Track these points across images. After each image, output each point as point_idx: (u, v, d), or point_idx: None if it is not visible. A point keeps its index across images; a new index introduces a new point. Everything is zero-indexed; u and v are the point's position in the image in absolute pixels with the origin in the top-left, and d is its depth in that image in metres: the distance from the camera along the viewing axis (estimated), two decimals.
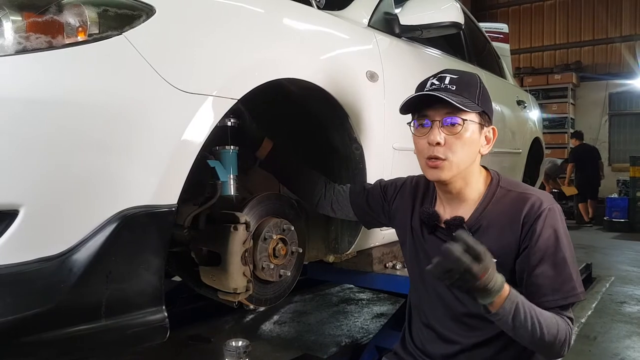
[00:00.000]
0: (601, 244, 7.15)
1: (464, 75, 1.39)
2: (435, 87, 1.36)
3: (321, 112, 1.86)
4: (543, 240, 1.29)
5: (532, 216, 1.31)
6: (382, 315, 3.71)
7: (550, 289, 1.28)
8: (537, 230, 1.30)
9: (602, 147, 11.33)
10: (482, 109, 1.37)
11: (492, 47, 4.27)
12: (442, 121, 1.35)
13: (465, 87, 1.35)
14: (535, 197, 1.34)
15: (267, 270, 1.66)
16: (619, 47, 11.38)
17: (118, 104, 1.14)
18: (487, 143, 1.42)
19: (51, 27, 1.10)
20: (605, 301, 4.09)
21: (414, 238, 1.54)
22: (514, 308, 1.20)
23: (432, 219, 1.46)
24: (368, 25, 2.19)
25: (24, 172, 1.05)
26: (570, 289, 1.29)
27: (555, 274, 1.28)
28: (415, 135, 1.41)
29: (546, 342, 1.23)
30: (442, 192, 1.47)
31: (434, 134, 1.35)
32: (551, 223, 1.30)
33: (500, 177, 1.45)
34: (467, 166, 1.38)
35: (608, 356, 2.93)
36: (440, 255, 1.14)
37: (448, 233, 1.41)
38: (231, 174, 1.61)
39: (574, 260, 1.33)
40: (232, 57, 1.40)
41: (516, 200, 1.36)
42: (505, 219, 1.35)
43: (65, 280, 1.09)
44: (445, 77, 1.37)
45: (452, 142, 1.34)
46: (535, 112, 4.72)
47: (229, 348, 1.33)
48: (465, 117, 1.34)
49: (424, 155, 1.38)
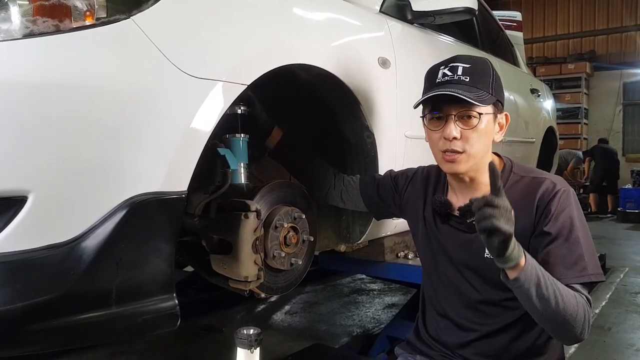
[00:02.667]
0: (615, 234, 7.09)
1: (476, 63, 1.35)
2: (448, 78, 1.32)
3: (332, 99, 1.84)
4: (557, 220, 1.27)
5: (546, 198, 1.29)
6: (393, 306, 3.70)
7: (562, 267, 1.25)
8: (552, 210, 1.28)
9: (616, 138, 11.23)
10: (496, 98, 1.34)
11: (506, 35, 4.21)
12: (457, 115, 1.31)
13: (478, 77, 1.32)
14: (549, 181, 1.32)
15: (278, 259, 1.65)
16: (634, 36, 11.21)
17: (126, 88, 1.12)
18: (500, 130, 1.39)
19: (58, 11, 1.09)
20: (620, 292, 4.05)
21: (426, 228, 1.52)
22: (535, 274, 1.15)
23: (444, 208, 1.44)
24: (380, 11, 2.16)
25: (32, 158, 1.04)
26: (582, 268, 1.25)
27: (567, 252, 1.25)
28: (429, 129, 1.38)
29: (567, 318, 1.18)
30: (454, 181, 1.44)
31: (449, 128, 1.31)
32: (565, 205, 1.28)
33: (514, 163, 1.42)
34: (483, 156, 1.35)
35: (623, 347, 2.90)
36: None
37: (462, 220, 1.40)
38: (242, 162, 1.60)
39: (590, 243, 1.29)
40: (242, 41, 1.37)
41: (530, 185, 1.34)
42: (519, 203, 1.31)
43: (74, 267, 1.09)
44: (457, 67, 1.33)
45: (468, 134, 1.31)
46: (549, 101, 4.67)
47: (240, 336, 1.32)
48: (480, 110, 1.31)
49: (440, 148, 1.35)
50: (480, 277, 1.39)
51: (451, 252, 1.43)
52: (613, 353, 2.81)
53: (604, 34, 11.58)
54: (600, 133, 11.24)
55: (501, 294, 1.36)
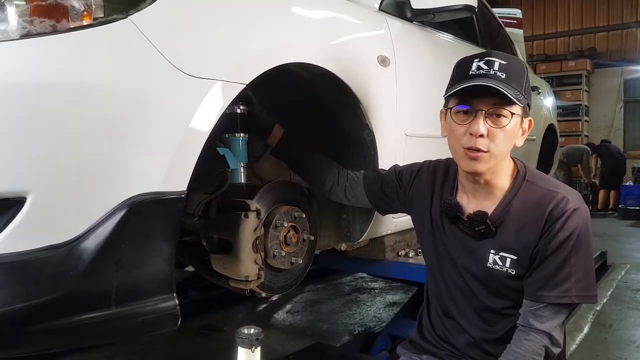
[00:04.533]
0: (616, 231, 7.09)
1: (512, 62, 1.28)
2: (484, 72, 1.25)
3: (331, 98, 1.83)
4: (558, 239, 1.26)
5: (556, 215, 1.27)
6: (394, 304, 3.70)
7: (546, 286, 1.27)
8: (556, 228, 1.26)
9: (617, 135, 11.21)
10: (527, 101, 1.29)
11: (506, 33, 4.20)
12: (487, 111, 1.26)
13: (514, 76, 1.25)
14: (562, 196, 1.29)
15: (278, 258, 1.65)
16: (635, 33, 11.19)
17: (124, 88, 1.12)
18: (522, 134, 1.34)
19: (55, 11, 1.08)
20: (621, 289, 4.04)
21: (432, 227, 1.49)
22: None
23: (454, 211, 1.41)
24: (379, 9, 2.15)
25: (30, 159, 1.04)
26: (566, 289, 1.26)
27: (555, 272, 1.26)
28: (454, 122, 1.31)
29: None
30: (468, 182, 1.39)
31: (478, 124, 1.25)
32: (572, 225, 1.26)
33: (527, 169, 1.38)
34: (503, 159, 1.32)
35: (624, 343, 2.90)
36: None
37: (470, 227, 1.37)
38: (241, 162, 1.60)
39: (588, 263, 1.29)
40: (241, 40, 1.37)
41: (542, 197, 1.31)
42: (529, 215, 1.30)
43: (74, 267, 1.08)
44: (494, 61, 1.25)
45: (495, 133, 1.26)
46: (549, 98, 4.67)
47: (241, 335, 1.31)
48: (512, 110, 1.26)
49: (463, 144, 1.29)
50: (481, 285, 1.38)
51: (455, 256, 1.42)
52: (614, 350, 2.81)
53: (605, 30, 11.56)
54: (601, 130, 11.25)
55: (502, 303, 1.36)
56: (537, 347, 1.25)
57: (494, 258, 1.34)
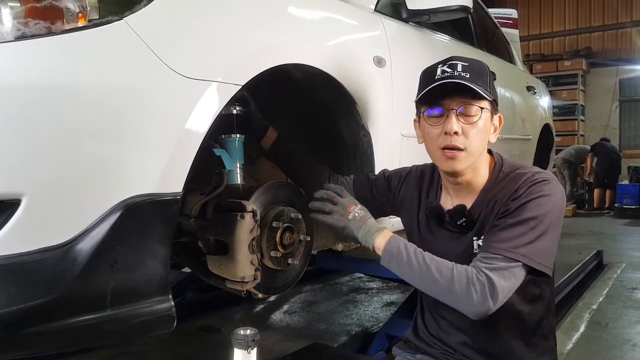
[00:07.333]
0: (612, 230, 7.10)
1: (474, 63, 1.35)
2: (448, 74, 1.31)
3: (328, 98, 1.83)
4: (519, 200, 1.29)
5: (524, 183, 1.31)
6: (392, 304, 3.70)
7: (498, 237, 1.27)
8: (521, 191, 1.29)
9: (613, 134, 11.25)
10: (494, 97, 1.35)
11: (502, 33, 4.21)
12: (458, 110, 1.31)
13: (477, 75, 1.32)
14: (532, 172, 1.34)
15: (274, 259, 1.64)
16: (630, 32, 11.24)
17: (119, 90, 1.12)
18: (494, 131, 1.40)
19: (50, 13, 1.08)
20: (617, 287, 4.06)
21: (420, 231, 1.52)
22: (398, 247, 1.37)
23: (436, 213, 1.44)
24: (375, 9, 2.15)
25: (25, 161, 1.03)
26: (514, 246, 1.24)
27: (508, 227, 1.27)
28: (428, 125, 1.37)
29: (443, 286, 1.27)
30: (449, 183, 1.44)
31: (451, 122, 1.31)
32: (537, 190, 1.28)
33: (504, 161, 1.42)
34: (479, 155, 1.36)
35: (620, 342, 2.91)
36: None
37: (453, 223, 1.40)
38: (237, 163, 1.59)
39: (547, 238, 1.27)
40: (236, 41, 1.37)
41: (514, 177, 1.35)
42: (504, 196, 1.33)
43: (69, 269, 1.08)
44: (456, 64, 1.32)
45: (468, 130, 1.31)
46: (545, 98, 4.67)
47: (237, 337, 1.31)
48: (481, 105, 1.32)
49: (440, 145, 1.34)
50: None
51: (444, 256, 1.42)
52: (611, 349, 2.82)
53: (600, 30, 11.61)
54: (596, 130, 11.29)
55: None
56: (468, 271, 1.25)
57: (477, 243, 1.36)
